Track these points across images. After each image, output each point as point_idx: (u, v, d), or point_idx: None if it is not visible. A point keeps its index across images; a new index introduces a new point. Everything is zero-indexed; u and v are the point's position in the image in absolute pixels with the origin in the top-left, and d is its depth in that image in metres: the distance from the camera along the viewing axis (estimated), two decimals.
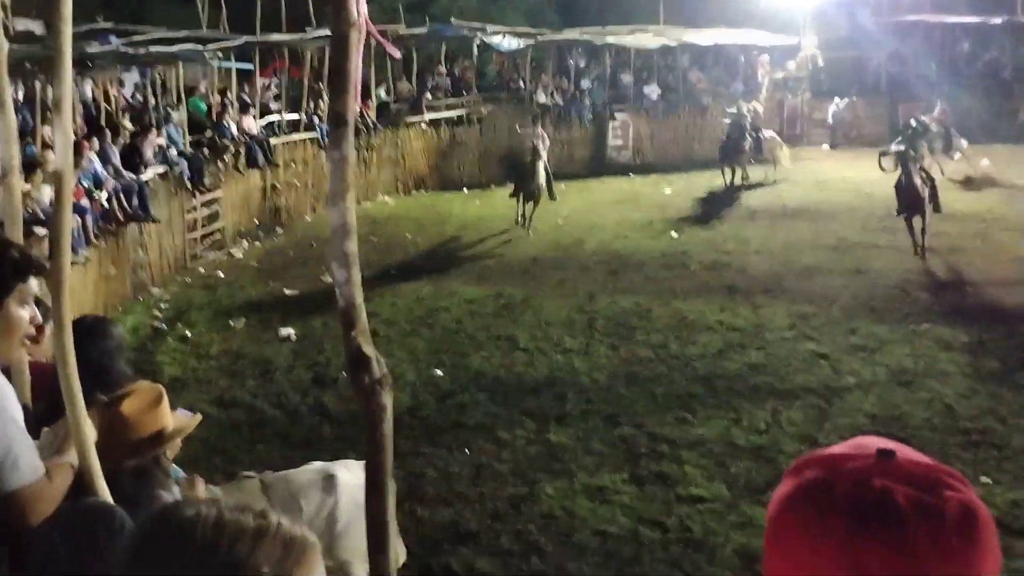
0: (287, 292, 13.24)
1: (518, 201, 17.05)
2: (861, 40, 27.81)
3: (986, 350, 10.01)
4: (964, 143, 20.10)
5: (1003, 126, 23.72)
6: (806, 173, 21.16)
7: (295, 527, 1.22)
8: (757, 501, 7.03)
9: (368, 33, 1.85)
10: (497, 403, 9.14)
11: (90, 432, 2.69)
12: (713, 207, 18.63)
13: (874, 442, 1.14)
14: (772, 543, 1.13)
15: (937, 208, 14.33)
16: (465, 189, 22.26)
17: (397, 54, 12.99)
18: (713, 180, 20.94)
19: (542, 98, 24.51)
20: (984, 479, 7.19)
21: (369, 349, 1.73)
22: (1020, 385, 9.08)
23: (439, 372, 9.99)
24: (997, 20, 27.86)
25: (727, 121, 22.61)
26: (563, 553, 6.52)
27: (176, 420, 3.22)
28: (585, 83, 25.45)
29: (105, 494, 2.70)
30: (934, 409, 8.60)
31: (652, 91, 25.64)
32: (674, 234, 16.38)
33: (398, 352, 10.60)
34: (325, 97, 20.17)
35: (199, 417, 3.43)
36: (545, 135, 18.19)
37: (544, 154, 17.09)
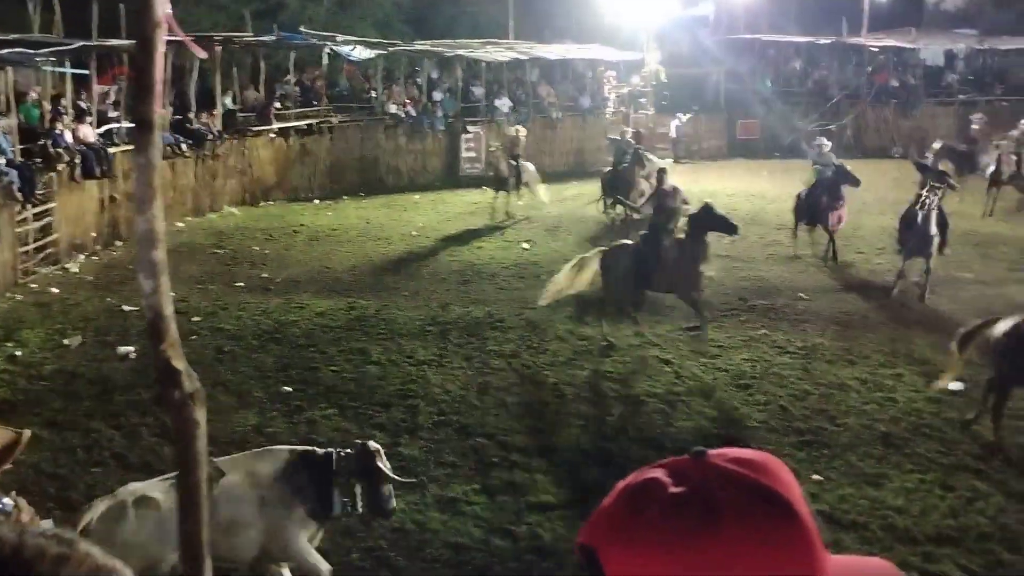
0: (126, 308, 12.65)
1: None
2: (701, 57, 29.01)
3: (817, 354, 10.56)
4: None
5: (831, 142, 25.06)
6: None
7: (107, 558, 1.17)
8: None
9: (177, 34, 1.79)
10: (348, 418, 9.00)
11: None
12: (564, 219, 18.96)
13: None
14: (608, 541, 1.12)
15: (942, 249, 12.80)
16: (316, 200, 21.91)
17: (203, 54, 12.41)
18: (562, 192, 21.34)
19: (393, 109, 24.43)
20: (816, 476, 7.57)
21: (179, 363, 1.66)
22: (848, 387, 9.61)
23: (288, 388, 9.76)
24: (825, 41, 29.60)
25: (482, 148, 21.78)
26: (414, 567, 6.47)
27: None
28: (437, 95, 25.50)
29: None
30: (770, 411, 9.00)
31: (503, 104, 25.93)
32: (525, 245, 16.59)
33: (245, 368, 10.32)
34: (166, 104, 19.47)
35: (28, 433, 3.24)
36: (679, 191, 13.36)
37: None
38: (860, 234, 16.43)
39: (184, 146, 19.41)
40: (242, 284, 13.98)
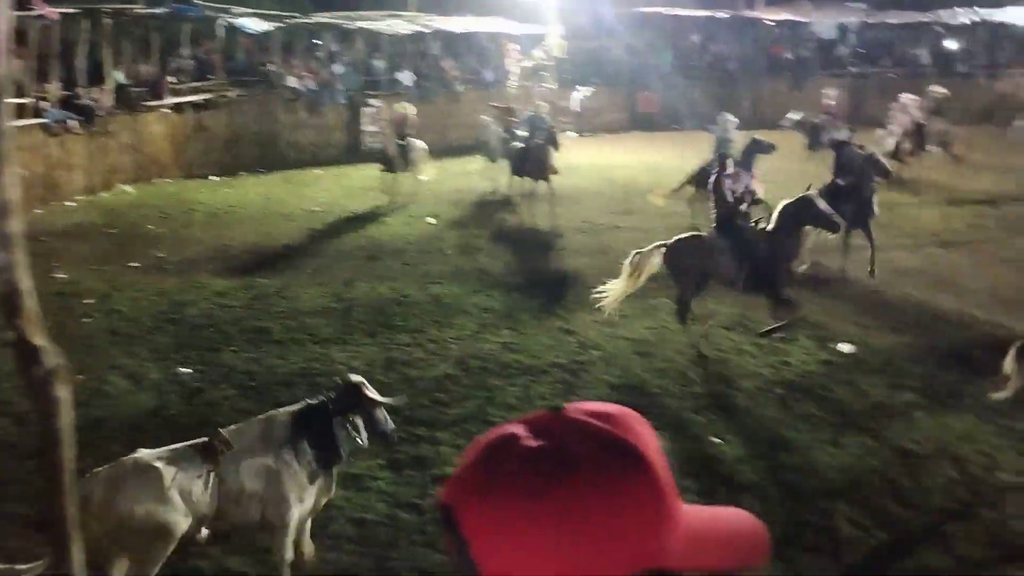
0: None
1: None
2: (602, 30, 29.21)
3: (715, 320, 10.80)
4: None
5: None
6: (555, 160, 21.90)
7: None
8: None
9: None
10: (249, 398, 8.83)
11: None
12: (467, 193, 18.94)
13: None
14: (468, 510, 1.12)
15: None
16: (213, 176, 21.38)
17: (54, 15, 11.71)
18: (467, 166, 21.28)
19: (292, 82, 23.96)
20: (714, 439, 7.77)
21: (39, 339, 1.59)
22: (744, 352, 9.88)
23: (186, 370, 9.53)
24: (723, 15, 30.11)
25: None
26: (318, 545, 6.41)
27: None
28: (337, 68, 25.11)
29: None
30: (670, 377, 9.19)
31: (405, 77, 25.69)
32: (431, 220, 16.51)
33: (140, 351, 10.02)
34: (53, 80, 18.72)
35: None
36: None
37: None
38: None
39: (73, 122, 18.67)
40: (137, 264, 13.57)
